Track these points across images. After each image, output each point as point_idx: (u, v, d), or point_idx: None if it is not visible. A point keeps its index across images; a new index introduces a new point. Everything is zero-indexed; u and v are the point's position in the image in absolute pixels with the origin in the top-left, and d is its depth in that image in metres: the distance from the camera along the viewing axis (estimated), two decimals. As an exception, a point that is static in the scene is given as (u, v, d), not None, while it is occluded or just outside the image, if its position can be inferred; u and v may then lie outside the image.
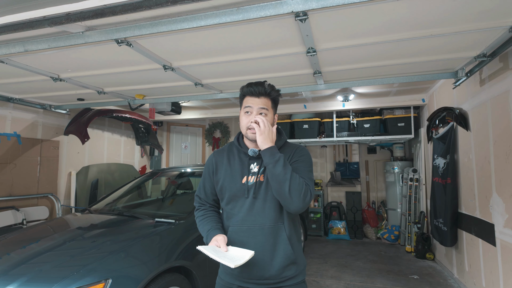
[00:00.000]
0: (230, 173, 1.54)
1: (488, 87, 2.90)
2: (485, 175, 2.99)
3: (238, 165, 1.54)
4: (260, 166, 1.51)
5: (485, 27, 1.99)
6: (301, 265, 1.53)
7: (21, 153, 4.12)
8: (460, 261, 3.69)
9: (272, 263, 1.45)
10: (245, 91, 1.51)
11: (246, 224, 1.47)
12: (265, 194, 1.46)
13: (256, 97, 1.49)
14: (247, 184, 1.48)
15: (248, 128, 1.48)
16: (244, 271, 1.47)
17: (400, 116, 5.41)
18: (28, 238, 2.58)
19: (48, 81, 3.06)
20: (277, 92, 1.54)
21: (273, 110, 1.54)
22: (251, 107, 1.48)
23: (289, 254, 1.45)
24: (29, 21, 1.78)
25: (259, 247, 1.44)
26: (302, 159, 1.52)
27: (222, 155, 1.61)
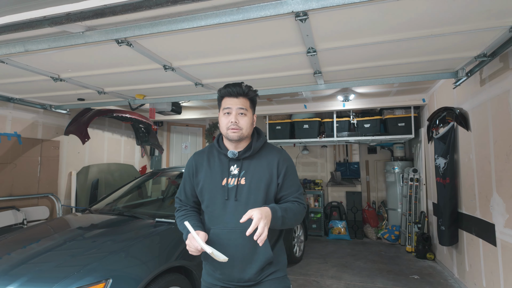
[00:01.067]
0: (210, 175, 1.54)
1: (488, 87, 2.90)
2: (485, 175, 2.99)
3: (218, 167, 1.54)
4: (241, 168, 1.51)
5: (485, 27, 1.99)
6: (280, 263, 1.55)
7: (22, 153, 4.13)
8: (461, 261, 3.69)
9: (251, 266, 1.47)
10: (223, 93, 1.53)
11: (228, 227, 1.47)
12: (247, 198, 1.47)
13: (234, 98, 1.50)
14: (227, 186, 1.49)
15: (229, 128, 1.48)
16: (224, 274, 1.49)
17: (401, 116, 5.41)
18: (29, 238, 2.58)
19: (48, 81, 3.06)
20: (255, 92, 1.56)
21: (252, 110, 1.56)
22: (230, 108, 1.49)
23: (268, 257, 1.47)
24: (29, 21, 1.78)
25: (239, 250, 1.46)
26: (290, 171, 1.56)
27: (202, 156, 1.61)
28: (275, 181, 1.51)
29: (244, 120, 1.50)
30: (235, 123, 1.47)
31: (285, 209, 1.41)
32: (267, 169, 1.51)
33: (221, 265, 1.48)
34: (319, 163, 7.23)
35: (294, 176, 1.58)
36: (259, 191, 1.48)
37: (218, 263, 1.48)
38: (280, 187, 1.52)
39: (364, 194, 6.89)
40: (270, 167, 1.52)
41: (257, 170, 1.51)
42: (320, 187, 6.77)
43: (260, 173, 1.50)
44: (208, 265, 1.58)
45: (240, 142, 1.53)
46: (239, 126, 1.48)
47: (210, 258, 1.52)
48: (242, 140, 1.53)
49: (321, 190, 6.68)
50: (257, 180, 1.49)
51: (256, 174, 1.50)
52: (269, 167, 1.52)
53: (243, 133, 1.49)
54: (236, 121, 1.48)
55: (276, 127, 6.05)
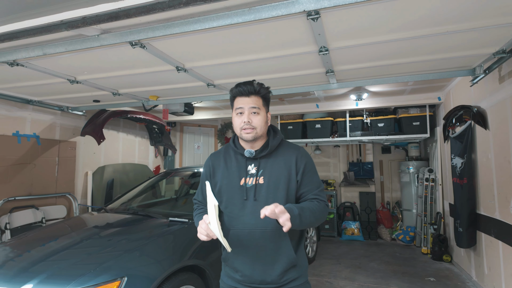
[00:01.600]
0: (227, 175, 1.52)
1: (508, 84, 2.81)
2: (505, 175, 2.90)
3: (235, 167, 1.52)
4: (258, 167, 1.49)
5: (503, 23, 1.93)
6: (303, 267, 1.51)
7: (40, 153, 4.25)
8: (479, 263, 3.59)
9: (273, 267, 1.43)
10: (234, 92, 1.51)
11: (247, 228, 1.44)
12: (266, 197, 1.44)
13: (246, 97, 1.48)
14: (245, 186, 1.47)
15: (242, 128, 1.47)
16: (245, 275, 1.46)
17: (415, 115, 5.30)
18: (47, 236, 2.65)
19: (65, 83, 3.15)
20: (267, 89, 1.52)
21: (265, 108, 1.53)
22: (242, 108, 1.47)
23: (291, 259, 1.43)
24: (47, 25, 1.83)
25: (260, 251, 1.43)
26: (309, 168, 1.52)
27: (219, 157, 1.60)
28: (294, 179, 1.48)
29: (258, 119, 1.47)
30: (248, 122, 1.45)
31: (301, 208, 1.36)
32: (285, 167, 1.48)
33: (242, 266, 1.46)
34: (331, 163, 7.16)
35: (313, 172, 1.53)
36: (278, 189, 1.45)
37: (238, 264, 1.48)
38: (299, 185, 1.49)
39: (378, 194, 6.78)
40: (288, 165, 1.49)
41: (275, 169, 1.48)
42: (333, 187, 6.71)
43: (278, 171, 1.47)
44: (228, 266, 1.55)
45: (256, 141, 1.51)
46: (253, 126, 1.45)
47: (230, 260, 1.51)
48: (257, 139, 1.51)
49: (334, 191, 6.61)
50: (276, 179, 1.46)
51: (274, 172, 1.47)
52: (287, 164, 1.49)
53: (257, 133, 1.47)
54: (249, 120, 1.45)
55: (288, 127, 6.02)
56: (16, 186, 3.92)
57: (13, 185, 3.90)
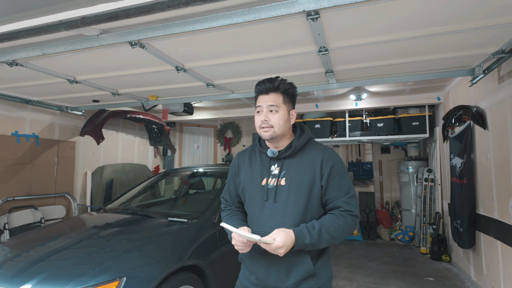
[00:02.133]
0: (250, 174, 1.49)
1: (507, 84, 2.81)
2: (504, 175, 2.91)
3: (259, 166, 1.49)
4: (281, 168, 1.42)
5: (503, 23, 1.93)
6: (323, 278, 1.40)
7: (40, 153, 4.25)
8: (478, 263, 3.60)
9: (288, 275, 1.36)
10: (256, 91, 1.47)
11: (265, 230, 1.36)
12: (286, 200, 1.37)
13: (265, 94, 1.43)
14: (266, 186, 1.42)
15: (261, 127, 1.41)
16: (259, 279, 1.43)
17: (415, 115, 5.31)
18: (46, 236, 2.65)
19: (64, 83, 3.14)
20: (289, 85, 1.44)
21: (286, 106, 1.43)
22: (261, 106, 1.42)
23: (308, 268, 1.35)
24: (47, 25, 1.83)
25: (276, 256, 1.34)
26: (336, 172, 1.39)
27: (245, 156, 1.58)
28: (318, 183, 1.37)
29: (276, 117, 1.39)
30: (266, 121, 1.39)
31: (318, 232, 1.27)
32: (309, 169, 1.39)
33: (257, 270, 1.43)
34: (331, 163, 7.15)
35: (342, 177, 1.40)
36: (300, 193, 1.36)
37: (253, 267, 1.45)
38: (324, 190, 1.38)
39: (377, 194, 6.79)
40: (312, 168, 1.39)
41: (298, 171, 1.40)
42: (332, 187, 6.71)
43: (301, 174, 1.39)
44: (245, 267, 1.53)
45: (279, 140, 1.44)
46: (270, 124, 1.39)
47: (247, 260, 1.48)
48: (280, 139, 1.44)
49: (333, 190, 6.60)
50: (298, 182, 1.38)
51: (296, 174, 1.39)
52: (312, 167, 1.39)
53: (275, 131, 1.39)
54: (266, 119, 1.39)
55: (288, 127, 6.01)
56: (15, 186, 3.92)
57: (12, 185, 3.89)
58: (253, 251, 1.41)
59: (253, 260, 1.45)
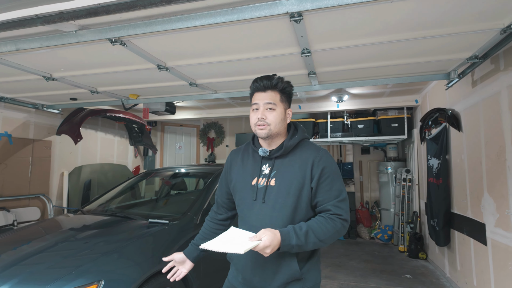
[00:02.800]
0: (242, 173, 1.48)
1: (480, 88, 2.94)
2: (477, 175, 3.03)
3: (250, 165, 1.47)
4: (272, 168, 1.40)
5: (477, 29, 2.02)
6: (310, 282, 1.38)
7: (12, 153, 4.07)
8: (452, 260, 3.74)
9: (274, 277, 1.35)
10: (252, 88, 1.44)
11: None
12: (275, 201, 1.35)
13: (262, 92, 1.40)
14: (256, 186, 1.40)
15: (257, 124, 1.39)
16: (245, 279, 1.43)
17: (394, 117, 5.46)
18: (19, 239, 2.54)
19: (40, 80, 3.02)
20: (286, 83, 1.43)
21: (283, 104, 1.42)
22: (257, 103, 1.40)
23: (293, 271, 1.33)
24: (21, 19, 1.76)
25: (261, 257, 1.35)
26: (327, 174, 1.35)
27: (238, 154, 1.56)
28: (308, 185, 1.34)
29: (273, 115, 1.37)
30: (262, 119, 1.36)
31: (305, 234, 1.25)
32: (299, 171, 1.36)
33: (243, 269, 1.43)
34: (313, 164, 7.24)
35: (333, 179, 1.36)
36: (289, 195, 1.34)
37: (240, 266, 1.45)
38: (314, 192, 1.35)
39: (357, 194, 6.93)
40: (303, 169, 1.36)
41: (288, 171, 1.37)
42: (314, 187, 6.79)
43: (291, 175, 1.36)
44: (233, 267, 1.53)
45: (273, 139, 1.42)
46: (267, 122, 1.36)
47: (234, 260, 1.48)
48: (274, 137, 1.42)
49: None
50: (287, 183, 1.35)
51: (286, 175, 1.37)
52: (302, 168, 1.36)
53: (271, 129, 1.37)
54: (263, 117, 1.36)
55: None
56: (-15, 187, 3.74)
57: (-17, 186, 3.71)
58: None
59: (241, 260, 1.45)
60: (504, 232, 2.54)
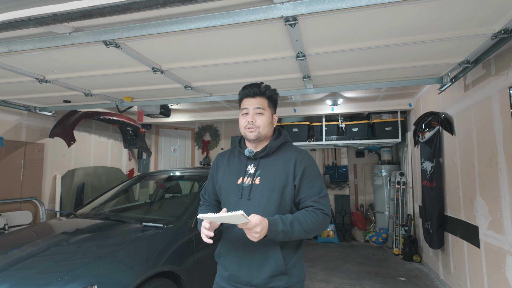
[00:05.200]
0: (228, 173, 1.57)
1: (472, 92, 2.98)
2: (469, 179, 3.07)
3: (236, 165, 1.57)
4: (257, 168, 1.50)
5: (469, 35, 2.05)
6: (295, 277, 1.45)
7: (4, 156, 4.01)
8: (446, 263, 3.76)
9: (260, 271, 1.41)
10: (241, 94, 1.56)
11: (238, 228, 1.40)
12: (259, 198, 1.44)
13: (251, 98, 1.52)
14: (242, 185, 1.49)
15: (246, 127, 1.50)
16: (232, 275, 1.47)
17: (388, 121, 5.51)
18: (10, 243, 2.50)
19: (33, 82, 2.99)
20: (273, 91, 1.56)
21: (271, 109, 1.55)
22: (247, 108, 1.51)
23: (279, 265, 1.41)
24: (14, 21, 1.74)
25: (249, 252, 1.44)
26: (309, 173, 1.46)
27: (224, 156, 1.66)
28: (291, 183, 1.45)
29: (261, 119, 1.49)
30: (252, 122, 1.48)
31: (290, 222, 1.31)
32: (283, 170, 1.47)
33: (230, 265, 1.48)
34: (308, 167, 7.25)
35: (315, 178, 1.47)
36: (273, 192, 1.43)
37: (227, 262, 1.49)
38: (297, 190, 1.46)
39: (352, 197, 6.95)
40: (286, 168, 1.47)
41: (272, 170, 1.48)
42: (309, 190, 6.80)
43: (276, 174, 1.46)
44: (220, 265, 1.57)
45: (260, 142, 1.54)
46: (256, 125, 1.48)
47: (221, 257, 1.53)
48: (262, 140, 1.53)
49: (310, 194, 6.70)
50: (271, 181, 1.45)
51: (271, 174, 1.47)
52: (286, 167, 1.47)
53: (260, 132, 1.49)
54: (253, 120, 1.48)
55: (266, 131, 6.06)
56: (-24, 191, 3.68)
57: (-27, 190, 3.65)
58: (227, 246, 1.49)
59: (228, 257, 1.50)
60: (497, 235, 2.57)
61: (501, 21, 1.90)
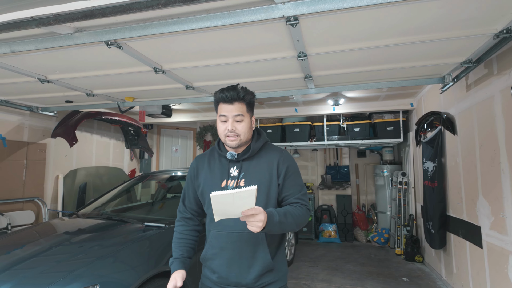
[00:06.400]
0: (210, 176, 1.54)
1: (474, 92, 2.97)
2: (471, 179, 3.05)
3: (218, 168, 1.54)
4: (240, 170, 1.49)
5: (471, 34, 2.04)
6: (281, 272, 1.51)
7: (6, 156, 4.03)
8: (448, 263, 3.75)
9: (249, 271, 1.43)
10: (218, 98, 1.47)
11: (226, 230, 1.45)
12: None
13: (229, 104, 1.44)
14: (226, 188, 1.48)
15: (226, 135, 1.46)
16: (222, 277, 1.47)
17: (389, 120, 5.49)
18: (13, 243, 2.51)
19: (35, 82, 3.00)
20: (251, 95, 1.50)
21: (249, 113, 1.51)
22: (226, 116, 1.45)
23: (267, 263, 1.44)
24: (16, 21, 1.75)
25: (237, 253, 1.44)
26: (291, 171, 1.51)
27: (204, 159, 1.62)
28: (275, 182, 1.48)
29: (242, 126, 1.46)
30: (233, 130, 1.44)
31: (284, 214, 1.34)
32: (267, 170, 1.49)
33: (219, 268, 1.47)
34: (309, 167, 7.26)
35: (296, 176, 1.53)
36: (259, 193, 1.41)
37: (215, 265, 1.48)
38: (281, 188, 1.49)
39: (354, 197, 6.94)
40: (270, 168, 1.49)
41: (256, 171, 1.48)
42: (310, 190, 6.81)
43: (260, 175, 1.47)
44: (206, 267, 1.55)
45: (242, 146, 1.52)
46: (237, 133, 1.45)
47: (208, 260, 1.51)
48: (243, 144, 1.51)
49: (312, 194, 6.71)
50: (257, 182, 1.44)
51: (255, 175, 1.47)
52: (269, 168, 1.49)
53: (241, 140, 1.47)
54: (233, 128, 1.44)
55: (267, 131, 6.06)
56: (-22, 191, 3.69)
57: (-24, 190, 3.67)
58: (214, 249, 1.48)
59: (215, 259, 1.49)
60: (499, 235, 2.56)
61: (503, 20, 1.90)
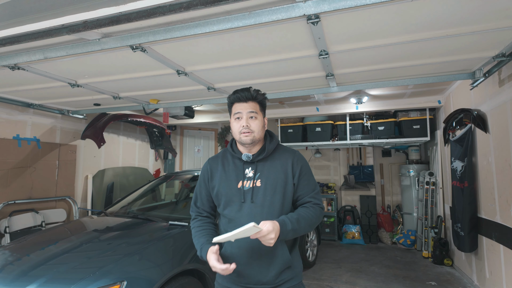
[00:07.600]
0: (225, 178, 1.56)
1: (507, 87, 2.81)
2: (505, 179, 2.89)
3: (232, 170, 1.57)
4: (256, 171, 1.53)
5: (503, 26, 1.94)
6: (297, 268, 1.55)
7: (41, 157, 4.25)
8: (480, 267, 3.57)
9: (269, 268, 1.47)
10: (232, 99, 1.55)
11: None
12: (263, 200, 1.48)
13: (244, 102, 1.52)
14: (242, 189, 1.51)
15: (241, 132, 1.50)
16: (242, 276, 1.48)
17: (415, 118, 5.30)
18: (47, 240, 2.65)
19: (66, 87, 3.16)
20: (263, 95, 1.58)
21: (262, 113, 1.57)
22: (240, 112, 1.51)
23: (286, 260, 1.48)
24: (49, 29, 1.85)
25: (256, 252, 1.46)
26: (305, 171, 1.56)
27: (217, 161, 1.63)
28: (290, 182, 1.52)
29: (255, 123, 1.51)
30: (247, 126, 1.49)
31: (297, 220, 1.40)
32: (281, 170, 1.53)
33: (239, 267, 1.46)
34: (332, 167, 7.15)
35: (309, 175, 1.58)
36: (275, 193, 1.49)
37: (236, 264, 1.45)
38: (296, 188, 1.53)
39: (378, 198, 6.76)
40: (284, 168, 1.53)
41: (272, 172, 1.52)
42: (333, 190, 6.70)
43: (275, 175, 1.51)
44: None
45: (253, 145, 1.55)
46: (251, 129, 1.50)
47: (229, 258, 1.50)
48: (255, 144, 1.55)
49: (334, 194, 6.60)
50: (273, 182, 1.50)
51: (271, 176, 1.51)
52: (284, 168, 1.53)
53: (255, 136, 1.51)
54: (248, 124, 1.50)
55: (288, 130, 6.03)
56: (16, 190, 3.92)
57: (13, 189, 3.90)
58: (232, 249, 1.49)
59: (234, 259, 1.48)
60: (537, 239, 2.41)
61: (540, 10, 1.79)
